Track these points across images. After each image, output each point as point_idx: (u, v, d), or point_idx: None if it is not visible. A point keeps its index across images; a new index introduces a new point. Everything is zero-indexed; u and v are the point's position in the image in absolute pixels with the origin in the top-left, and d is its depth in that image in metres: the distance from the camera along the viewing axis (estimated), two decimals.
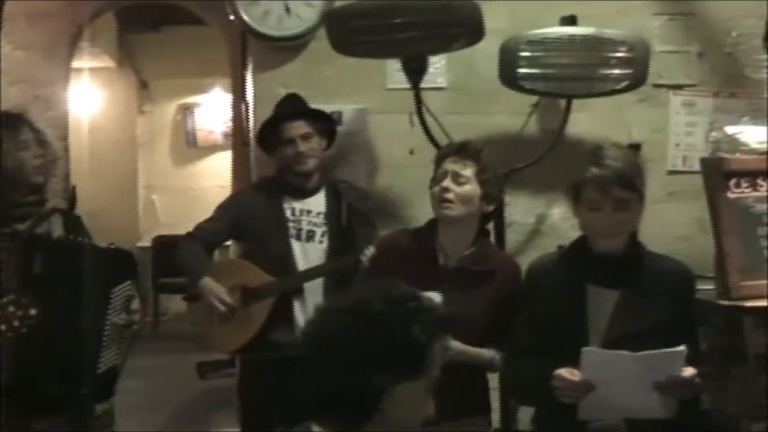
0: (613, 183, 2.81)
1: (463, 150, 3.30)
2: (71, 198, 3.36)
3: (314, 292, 3.91)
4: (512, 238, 4.28)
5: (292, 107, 4.05)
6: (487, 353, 3.22)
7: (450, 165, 3.27)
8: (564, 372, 2.77)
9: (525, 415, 3.27)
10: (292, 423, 1.96)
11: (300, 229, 3.96)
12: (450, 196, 3.22)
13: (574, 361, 2.78)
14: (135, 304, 3.38)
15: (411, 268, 3.07)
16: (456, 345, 3.06)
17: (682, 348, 2.72)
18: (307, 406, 1.90)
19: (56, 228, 3.24)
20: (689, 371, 2.74)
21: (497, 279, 3.25)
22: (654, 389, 2.74)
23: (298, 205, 3.99)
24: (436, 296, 3.10)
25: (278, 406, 1.95)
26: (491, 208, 3.33)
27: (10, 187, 3.13)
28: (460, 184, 3.23)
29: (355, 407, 1.84)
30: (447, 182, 3.23)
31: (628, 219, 2.89)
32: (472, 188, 3.23)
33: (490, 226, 3.57)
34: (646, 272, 2.90)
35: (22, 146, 3.15)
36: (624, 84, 4.06)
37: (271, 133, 4.02)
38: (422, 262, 3.26)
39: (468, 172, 3.24)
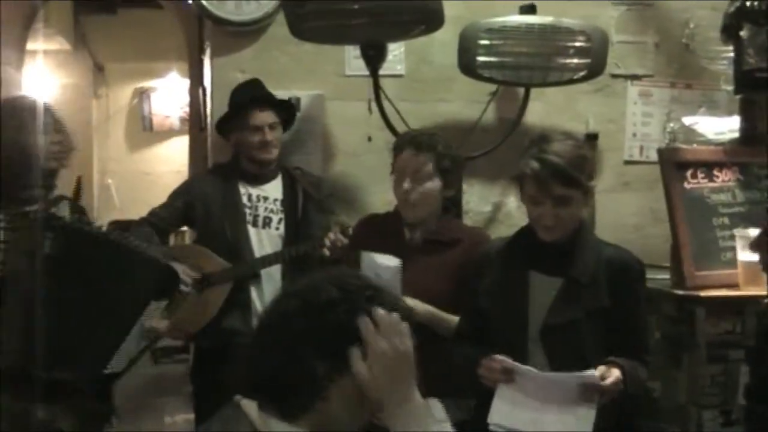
0: (553, 180, 2.79)
1: (418, 143, 3.30)
2: (76, 188, 3.39)
3: (271, 279, 3.88)
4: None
5: (259, 94, 4.01)
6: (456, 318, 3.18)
7: (408, 161, 3.29)
8: (491, 360, 2.77)
9: None
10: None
11: (257, 216, 3.93)
12: (413, 198, 3.27)
13: (512, 348, 2.80)
14: (162, 324, 3.45)
15: (379, 245, 3.27)
16: (421, 306, 3.10)
17: (592, 373, 2.70)
18: (249, 389, 1.85)
19: (63, 215, 3.30)
20: (614, 375, 2.72)
21: (464, 245, 3.29)
22: (570, 406, 2.69)
23: (254, 192, 3.97)
24: (394, 260, 3.16)
25: (229, 393, 1.91)
26: (450, 192, 3.38)
27: (23, 168, 3.20)
28: (420, 181, 3.26)
29: (297, 393, 1.80)
30: (408, 184, 3.27)
31: (570, 213, 2.86)
32: (432, 185, 3.27)
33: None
34: (591, 260, 2.90)
35: (41, 130, 3.24)
36: (581, 74, 4.08)
37: (233, 119, 3.98)
38: (390, 239, 3.33)
39: (428, 167, 3.26)
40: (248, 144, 3.93)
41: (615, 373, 2.72)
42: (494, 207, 4.49)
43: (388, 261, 3.20)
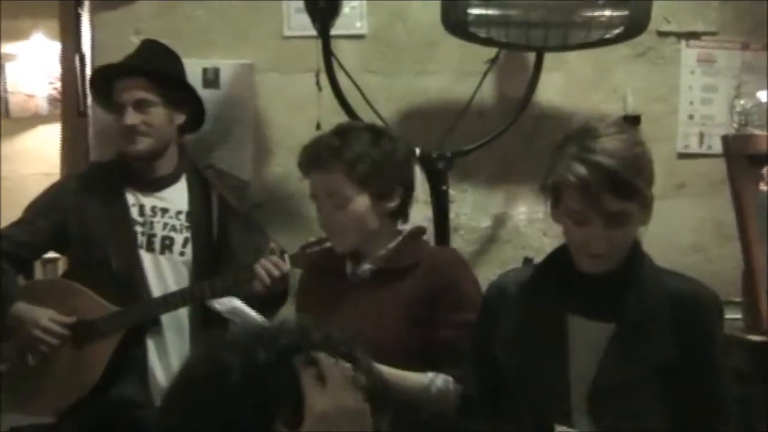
0: (605, 191, 2.76)
1: (321, 159, 3.32)
2: None
3: (177, 326, 3.90)
4: (459, 247, 4.27)
5: (134, 59, 4.03)
6: (416, 377, 3.20)
7: (316, 184, 3.36)
8: None
9: None
10: None
11: (152, 236, 3.93)
12: (336, 229, 3.36)
13: (548, 418, 2.81)
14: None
15: (319, 287, 3.46)
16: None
17: None
18: None
19: None
20: None
21: (420, 270, 3.32)
22: None
23: (149, 201, 3.96)
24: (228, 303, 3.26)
25: None
26: (392, 203, 3.35)
27: None
28: (340, 207, 3.29)
29: None
30: (325, 213, 3.35)
31: (626, 235, 2.86)
32: (356, 209, 3.30)
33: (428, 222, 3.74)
34: (651, 297, 2.90)
35: None
36: (616, 32, 4.10)
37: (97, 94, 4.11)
38: (330, 278, 3.43)
39: (345, 188, 3.28)
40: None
41: None
42: (495, 221, 4.53)
43: (226, 304, 3.34)
